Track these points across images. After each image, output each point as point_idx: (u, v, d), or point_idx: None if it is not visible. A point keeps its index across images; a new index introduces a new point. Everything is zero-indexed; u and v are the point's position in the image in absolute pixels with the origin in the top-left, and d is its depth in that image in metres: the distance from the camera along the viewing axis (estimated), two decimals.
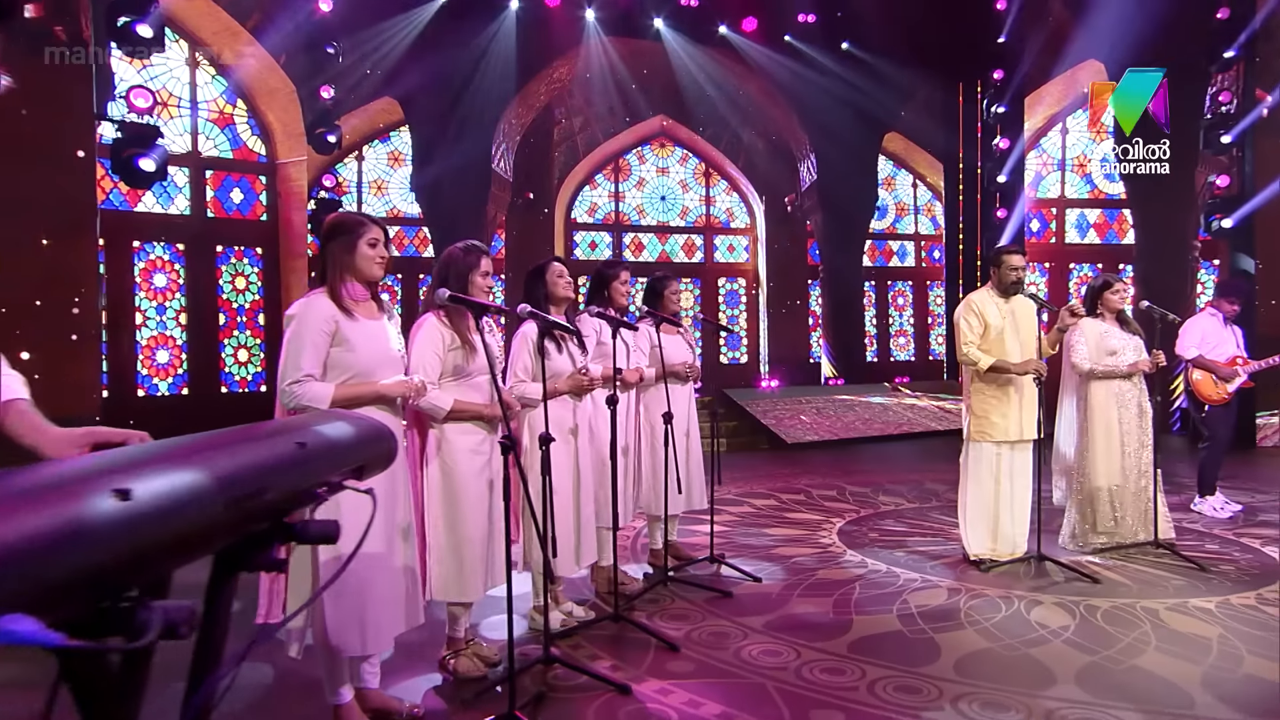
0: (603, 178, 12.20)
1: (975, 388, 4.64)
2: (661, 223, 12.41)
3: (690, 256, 12.54)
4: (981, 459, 4.58)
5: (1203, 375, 5.74)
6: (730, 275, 12.65)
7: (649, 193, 12.33)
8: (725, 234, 12.69)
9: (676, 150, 12.46)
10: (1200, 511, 5.77)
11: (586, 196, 12.10)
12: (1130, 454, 4.78)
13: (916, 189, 13.32)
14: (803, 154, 12.35)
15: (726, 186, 12.70)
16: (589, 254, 12.14)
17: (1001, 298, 4.63)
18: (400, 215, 10.90)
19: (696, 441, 4.67)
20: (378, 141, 10.70)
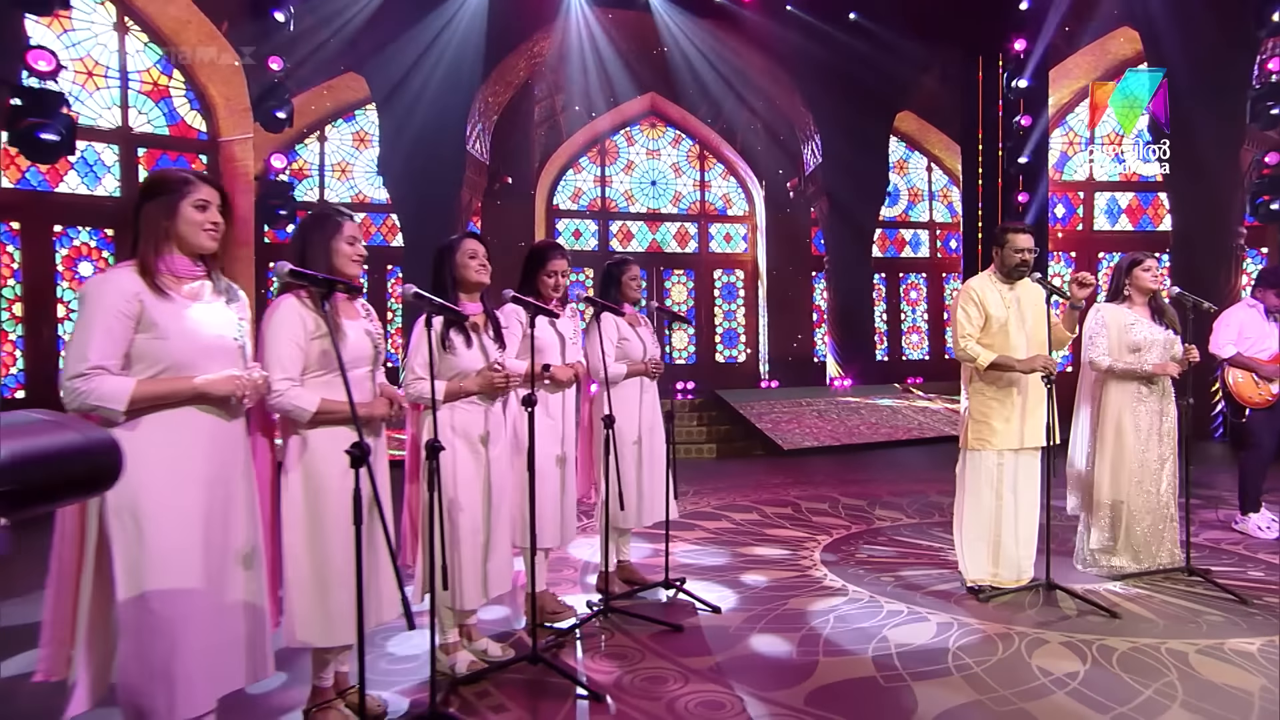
0: (588, 161, 11.87)
1: (974, 388, 4.19)
2: (652, 210, 12.09)
3: (683, 246, 12.19)
4: (980, 470, 4.14)
5: (1243, 376, 5.25)
6: (727, 267, 12.29)
7: (638, 177, 12.00)
8: (721, 222, 12.35)
9: (668, 131, 12.11)
10: (1242, 531, 5.30)
11: (570, 181, 11.77)
12: (1148, 465, 4.30)
13: (931, 173, 12.90)
14: (806, 135, 11.97)
15: (723, 170, 12.34)
16: (573, 243, 11.78)
17: (1005, 284, 4.18)
18: (366, 201, 10.58)
19: (660, 448, 4.24)
20: (341, 121, 10.37)
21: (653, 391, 4.31)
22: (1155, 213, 11.33)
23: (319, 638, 2.60)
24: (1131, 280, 4.40)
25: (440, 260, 3.29)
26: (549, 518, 3.68)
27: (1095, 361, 4.38)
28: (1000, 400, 4.12)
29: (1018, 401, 4.10)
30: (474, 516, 3.17)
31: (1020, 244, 4.13)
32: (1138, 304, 4.40)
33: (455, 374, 3.18)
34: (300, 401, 2.51)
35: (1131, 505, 4.31)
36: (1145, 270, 4.35)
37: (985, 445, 4.11)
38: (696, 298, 12.09)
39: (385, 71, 9.84)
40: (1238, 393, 5.29)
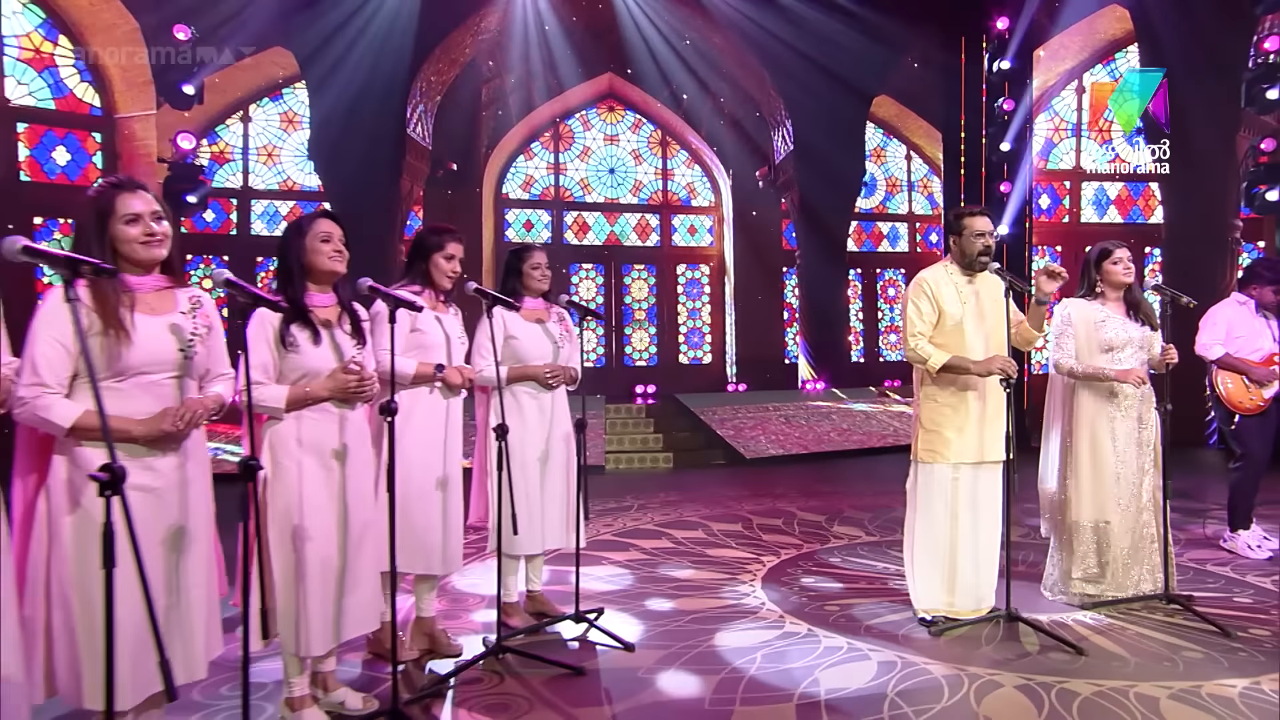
0: (540, 146, 11.54)
1: (926, 393, 3.90)
2: (610, 199, 11.79)
3: (644, 239, 11.89)
4: (933, 485, 3.84)
5: (1233, 379, 4.99)
6: (691, 261, 12.03)
7: (595, 164, 11.71)
8: (685, 213, 12.10)
9: (627, 115, 11.83)
10: (1231, 550, 5.05)
11: (521, 168, 11.46)
12: (1126, 480, 4.02)
13: (911, 162, 12.63)
14: (777, 120, 11.66)
15: (687, 158, 12.06)
16: (524, 235, 11.45)
17: (964, 275, 3.89)
18: (296, 188, 10.19)
19: (568, 464, 3.90)
20: (268, 100, 9.95)
21: (562, 399, 3.97)
22: (1146, 204, 11.18)
23: (96, 700, 2.22)
24: (1101, 274, 4.10)
25: (286, 244, 2.93)
26: (425, 541, 3.33)
27: (1059, 363, 4.09)
28: (954, 407, 3.83)
29: (974, 409, 3.81)
30: (324, 546, 2.81)
31: (979, 228, 3.84)
32: (1110, 299, 4.12)
33: (301, 376, 2.83)
34: (52, 415, 2.13)
35: (1104, 527, 4.02)
36: (1115, 263, 4.06)
37: (937, 458, 3.82)
38: (658, 294, 11.81)
39: (316, 46, 9.47)
40: (1227, 398, 5.04)
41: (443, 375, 3.32)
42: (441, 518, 3.41)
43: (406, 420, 3.24)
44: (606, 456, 8.77)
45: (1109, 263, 4.09)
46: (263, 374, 2.77)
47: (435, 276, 3.45)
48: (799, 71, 10.97)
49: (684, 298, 11.96)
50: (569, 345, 3.96)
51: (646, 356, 11.77)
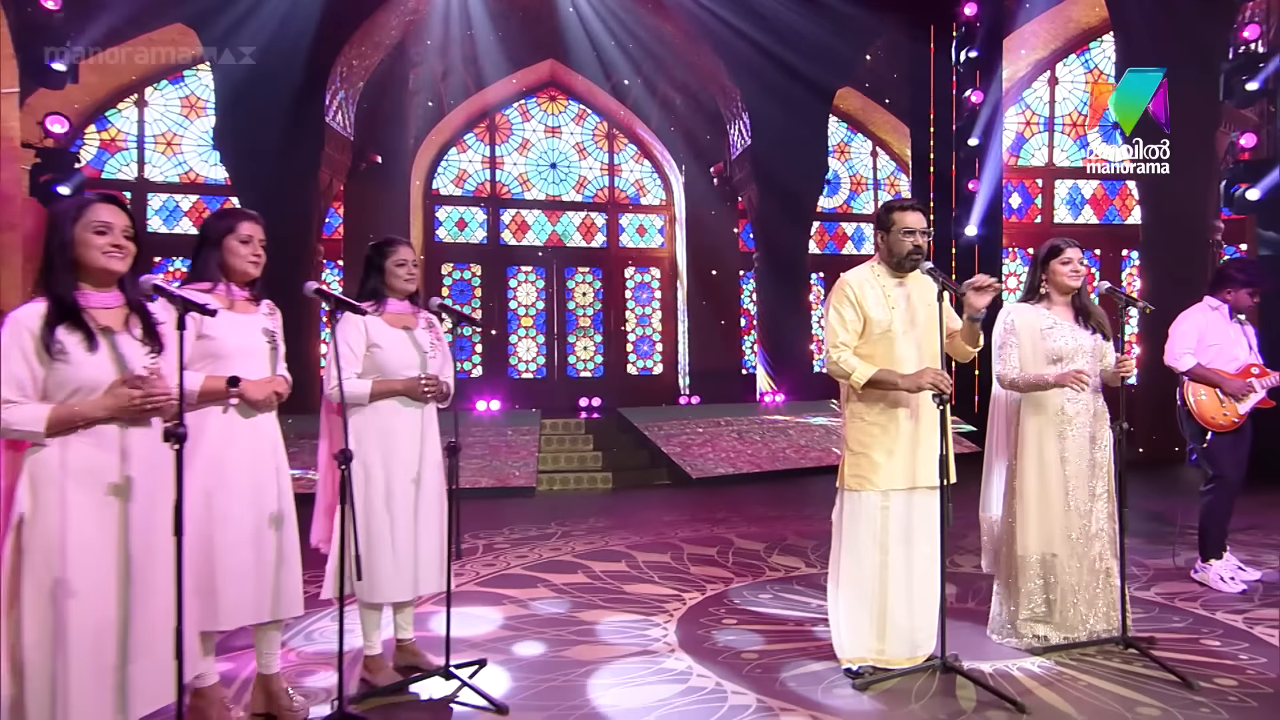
0: (475, 138, 11.41)
1: (851, 411, 3.61)
2: (552, 196, 11.67)
3: (589, 240, 11.77)
4: (860, 516, 3.54)
5: (1205, 392, 4.76)
6: (640, 264, 11.91)
7: (535, 158, 11.58)
8: (634, 212, 11.99)
9: (571, 105, 11.73)
10: (1202, 582, 4.80)
11: (453, 162, 11.33)
12: (1077, 507, 3.74)
13: (877, 158, 12.65)
14: (733, 113, 11.56)
15: (635, 153, 11.98)
16: (456, 235, 11.24)
17: (892, 277, 3.60)
18: (200, 181, 9.93)
19: (437, 496, 3.53)
20: (166, 82, 9.62)
21: (434, 417, 3.61)
22: (1123, 204, 11.15)
23: None
24: (1048, 277, 3.83)
25: (51, 235, 2.54)
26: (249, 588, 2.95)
27: (1001, 376, 3.82)
28: (883, 427, 3.53)
29: (905, 429, 3.52)
30: (96, 602, 2.42)
31: (909, 223, 3.56)
32: (1057, 303, 3.85)
33: (71, 391, 2.44)
34: None
35: (1051, 560, 3.73)
36: (1064, 263, 3.79)
37: (865, 484, 3.53)
38: (605, 300, 11.69)
39: (221, 23, 9.05)
40: (1199, 413, 4.80)
41: (240, 390, 2.92)
42: (275, 555, 3.03)
43: (224, 445, 2.88)
44: (539, 477, 8.43)
45: (1057, 263, 3.82)
46: (17, 391, 2.38)
47: (235, 266, 3.04)
48: (757, 61, 10.81)
49: (632, 303, 11.80)
50: (440, 355, 3.59)
51: (591, 367, 11.65)
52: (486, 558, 5.62)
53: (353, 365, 3.43)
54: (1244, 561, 4.98)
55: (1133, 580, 4.80)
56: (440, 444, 3.58)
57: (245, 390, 2.92)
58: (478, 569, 5.30)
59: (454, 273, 11.20)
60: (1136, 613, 4.16)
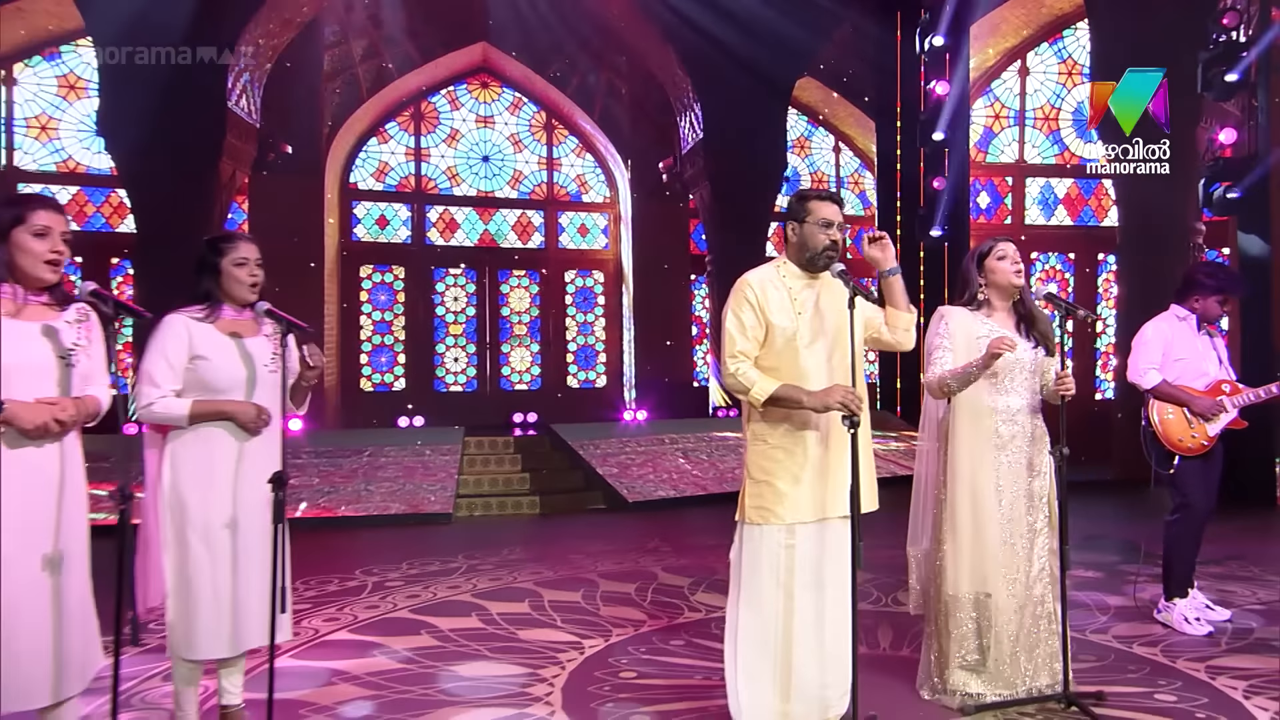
0: (398, 128, 11.25)
1: (753, 431, 3.33)
2: (484, 193, 11.54)
3: (525, 240, 11.65)
4: (761, 554, 3.23)
5: (1172, 411, 4.55)
6: (582, 267, 11.83)
7: (465, 150, 11.46)
8: (575, 210, 11.90)
9: (505, 93, 11.65)
10: (1165, 623, 4.57)
11: (373, 153, 11.15)
12: (1015, 544, 3.48)
13: (839, 154, 12.65)
14: (684, 103, 11.45)
15: (577, 145, 11.91)
16: (376, 234, 11.07)
17: (801, 278, 3.32)
18: (80, 170, 9.74)
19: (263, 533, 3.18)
20: (40, 59, 9.27)
21: (269, 445, 3.25)
22: (1099, 204, 11.13)
23: None
24: (985, 275, 3.58)
25: None
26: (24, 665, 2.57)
27: (931, 382, 3.56)
28: (788, 450, 3.24)
29: (814, 453, 3.23)
30: None
31: (826, 215, 3.29)
32: (997, 309, 3.60)
33: None
34: None
35: (984, 601, 3.47)
36: (1001, 259, 3.54)
37: (768, 517, 3.23)
38: (542, 306, 11.59)
39: None
40: (1164, 434, 4.59)
41: (6, 416, 2.55)
42: (53, 617, 2.66)
43: None
44: (457, 502, 8.10)
45: (993, 259, 3.57)
46: None
47: (24, 267, 2.69)
48: (710, 47, 10.72)
49: (573, 310, 11.71)
50: (278, 371, 3.24)
51: (528, 380, 11.58)
52: (372, 598, 5.28)
53: (169, 381, 3.09)
54: (1214, 599, 4.76)
55: (1090, 621, 4.59)
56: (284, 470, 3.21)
57: (11, 414, 2.55)
58: (357, 612, 4.96)
59: (374, 275, 11.01)
60: (1088, 661, 3.92)
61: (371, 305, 10.91)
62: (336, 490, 8.08)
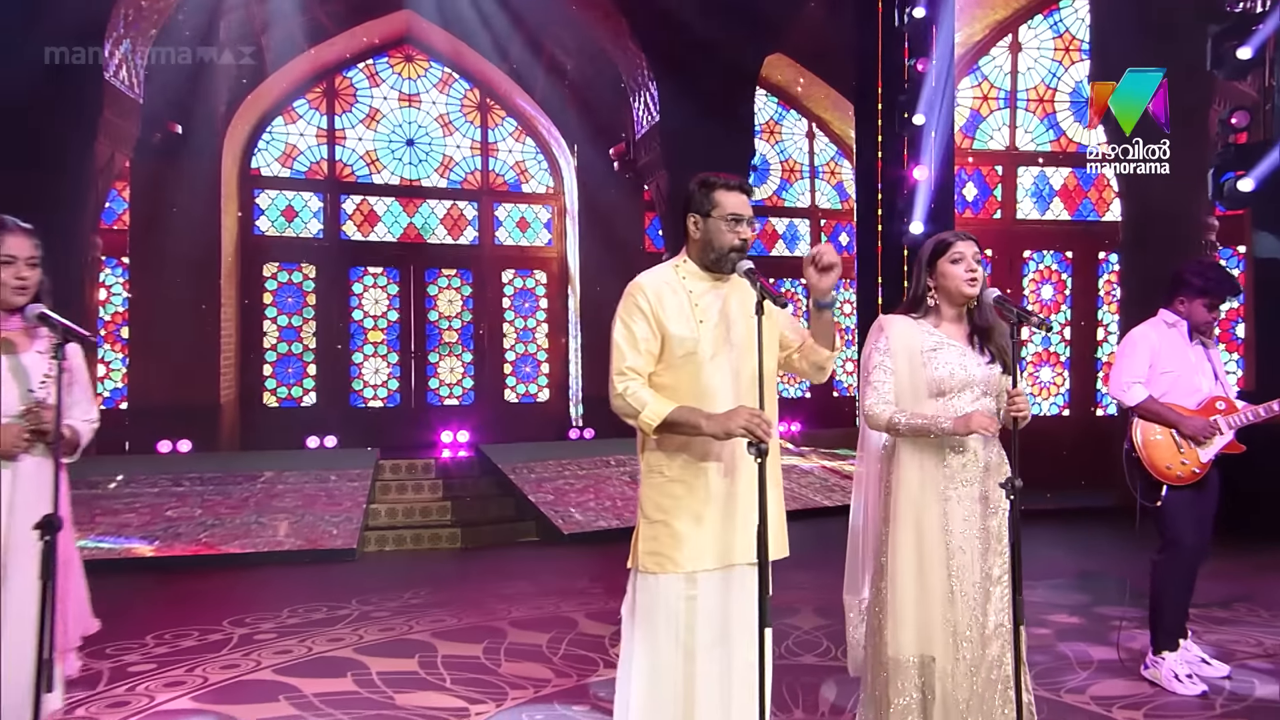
0: (308, 105, 11.07)
1: (647, 463, 3.18)
2: (409, 181, 11.44)
3: (456, 236, 11.54)
4: (657, 608, 3.04)
5: (1160, 433, 4.40)
6: (522, 266, 11.75)
7: (387, 132, 11.34)
8: (514, 201, 11.85)
9: (433, 68, 11.46)
10: (1153, 680, 4.43)
11: (279, 135, 10.96)
12: (967, 594, 3.27)
13: (814, 140, 12.60)
14: (638, 83, 11.38)
15: (515, 128, 11.84)
16: (283, 227, 10.93)
17: (704, 279, 3.16)
18: None
19: (30, 577, 2.92)
20: None
21: (31, 479, 3.02)
22: (1100, 196, 11.09)
23: None
24: (936, 280, 3.37)
25: None
26: None
27: (871, 413, 3.35)
28: (687, 485, 3.05)
29: (718, 487, 3.05)
30: None
31: (734, 208, 3.12)
32: (947, 319, 3.39)
33: None
34: None
35: (930, 664, 3.25)
36: (955, 261, 3.33)
37: (664, 564, 3.05)
38: (476, 310, 11.45)
39: None
40: (1149, 460, 4.45)
41: None
42: None
43: None
44: (365, 535, 7.86)
45: (945, 261, 3.36)
46: None
47: None
48: (669, 18, 10.59)
49: (512, 315, 11.68)
50: (53, 388, 2.99)
51: (459, 393, 11.46)
52: (234, 654, 5.01)
53: None
54: (1212, 652, 4.62)
55: (1067, 678, 4.43)
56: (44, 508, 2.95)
57: None
58: (209, 673, 4.68)
59: (279, 274, 10.84)
60: None
61: (277, 308, 10.65)
62: (222, 523, 7.79)
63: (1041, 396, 10.75)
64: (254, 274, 10.53)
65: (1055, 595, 6.06)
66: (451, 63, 11.38)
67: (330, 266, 10.85)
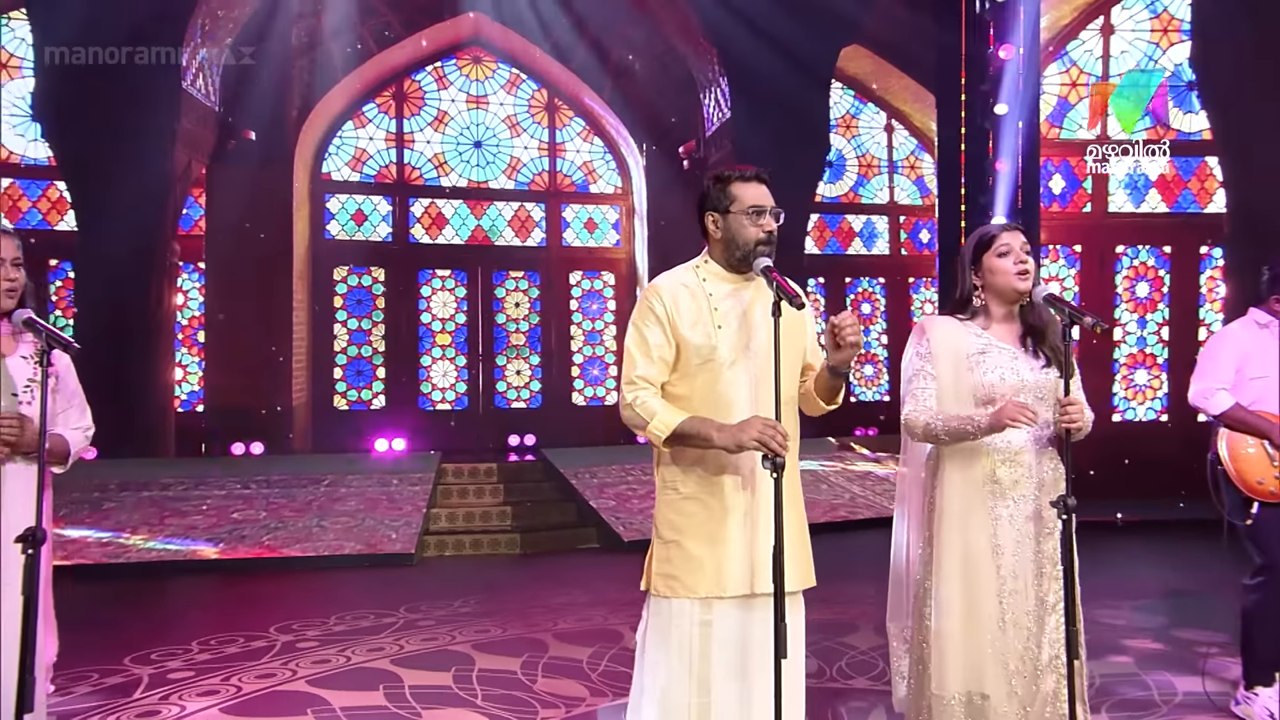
0: (377, 110, 11.17)
1: (662, 478, 3.02)
2: (476, 183, 11.44)
3: (524, 238, 11.51)
4: (670, 636, 2.83)
5: (1254, 445, 4.01)
6: (590, 268, 11.71)
7: (455, 135, 11.36)
8: (582, 202, 11.82)
9: (500, 70, 11.46)
10: (1243, 718, 4.04)
11: (349, 139, 11.06)
12: (1019, 624, 2.99)
13: (892, 134, 12.37)
14: (709, 78, 11.25)
15: (584, 128, 11.80)
16: (353, 231, 11.02)
17: (728, 281, 2.97)
18: (13, 161, 9.72)
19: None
20: None
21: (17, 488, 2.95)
22: (1202, 186, 10.46)
23: None
24: (983, 277, 3.09)
25: None
26: None
27: (911, 422, 3.10)
28: (703, 503, 2.87)
29: (736, 505, 2.84)
30: None
31: (753, 201, 2.92)
32: (996, 318, 3.11)
33: None
34: None
35: (995, 703, 2.97)
36: (1001, 254, 3.04)
37: (677, 589, 2.86)
38: (543, 312, 11.41)
39: None
40: (1238, 475, 4.06)
41: None
42: None
43: None
44: (424, 540, 7.83)
45: (991, 255, 3.07)
46: None
47: None
48: (741, 13, 10.41)
49: (579, 317, 11.64)
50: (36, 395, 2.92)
51: (526, 396, 11.42)
52: (274, 663, 4.96)
53: None
54: None
55: (1143, 714, 4.05)
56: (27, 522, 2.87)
57: None
58: (244, 683, 4.63)
59: (349, 278, 10.95)
60: None
61: (347, 312, 10.75)
62: (285, 526, 7.84)
63: (1137, 401, 10.20)
64: (325, 278, 10.69)
65: (1141, 618, 5.65)
66: (519, 63, 11.41)
67: (399, 270, 10.97)
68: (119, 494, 8.20)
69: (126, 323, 9.10)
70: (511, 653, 5.16)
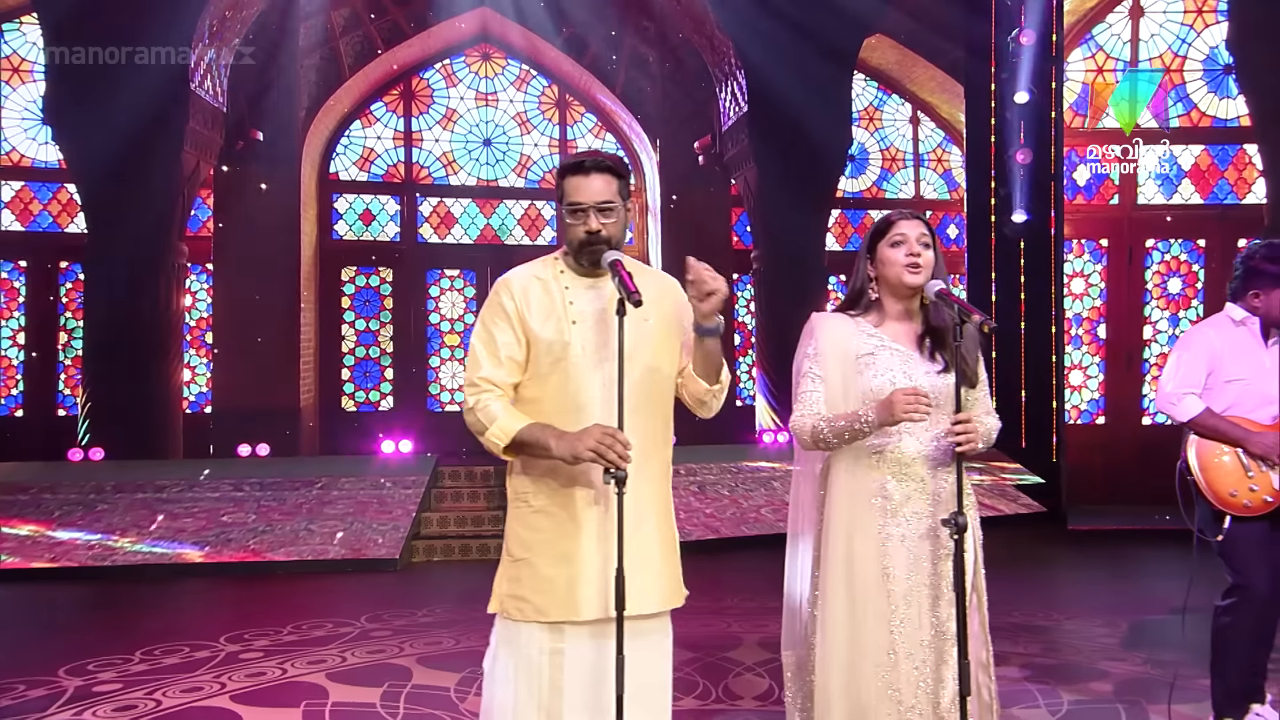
0: (384, 109, 11.18)
1: (513, 489, 2.75)
2: (486, 181, 11.37)
3: (535, 236, 11.42)
4: (518, 664, 2.63)
5: (1227, 454, 3.71)
6: None
7: (464, 133, 11.33)
8: None
9: (510, 66, 11.41)
10: None
11: (357, 139, 11.09)
12: (914, 656, 2.73)
13: (918, 126, 12.14)
14: (725, 71, 11.15)
15: (595, 124, 11.72)
16: (360, 231, 11.02)
17: (580, 275, 2.76)
18: (25, 164, 9.80)
19: None
20: None
21: None
22: (1239, 176, 9.99)
23: None
24: (876, 268, 2.84)
25: None
26: None
27: (798, 426, 2.89)
28: (553, 516, 2.68)
29: (589, 519, 2.66)
30: None
31: (575, 198, 2.72)
32: (891, 315, 2.85)
33: None
34: None
35: None
36: (895, 245, 2.78)
37: (526, 611, 2.68)
38: None
39: None
40: (1209, 485, 3.76)
41: None
42: None
43: None
44: (412, 545, 7.71)
45: (884, 245, 2.82)
46: None
47: None
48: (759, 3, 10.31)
49: None
50: None
51: None
52: (206, 675, 4.82)
53: None
54: None
55: None
56: None
57: None
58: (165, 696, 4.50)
59: (357, 278, 10.94)
60: None
61: (355, 312, 10.72)
62: (272, 530, 7.77)
63: None
64: (332, 278, 10.71)
65: (1112, 637, 5.33)
66: (529, 59, 11.36)
67: (407, 270, 10.96)
68: (113, 495, 8.22)
69: (136, 324, 9.22)
70: (453, 668, 4.94)
